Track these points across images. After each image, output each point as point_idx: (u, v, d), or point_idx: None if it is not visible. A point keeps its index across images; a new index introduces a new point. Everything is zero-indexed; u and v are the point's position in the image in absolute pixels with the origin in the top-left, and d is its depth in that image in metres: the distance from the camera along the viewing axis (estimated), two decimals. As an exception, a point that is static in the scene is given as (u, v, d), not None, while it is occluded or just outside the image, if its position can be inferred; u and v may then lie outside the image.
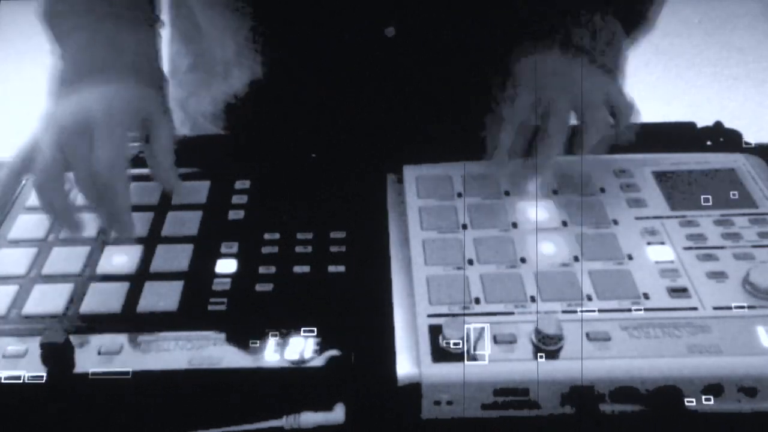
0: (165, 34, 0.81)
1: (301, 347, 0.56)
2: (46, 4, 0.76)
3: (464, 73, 0.81)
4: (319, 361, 0.55)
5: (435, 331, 0.55)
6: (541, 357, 0.54)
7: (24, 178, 0.66)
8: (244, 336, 0.57)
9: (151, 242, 0.66)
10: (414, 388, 0.53)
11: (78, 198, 0.63)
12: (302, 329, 0.57)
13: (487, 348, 0.54)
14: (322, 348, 0.56)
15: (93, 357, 0.56)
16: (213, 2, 0.81)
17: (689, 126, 0.82)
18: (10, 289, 0.62)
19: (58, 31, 0.74)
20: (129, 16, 0.74)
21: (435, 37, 0.78)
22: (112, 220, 0.63)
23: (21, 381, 0.55)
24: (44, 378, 0.55)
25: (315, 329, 0.57)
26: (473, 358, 0.54)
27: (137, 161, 0.70)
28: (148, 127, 0.66)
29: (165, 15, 0.82)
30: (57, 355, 0.55)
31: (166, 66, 0.85)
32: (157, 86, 0.74)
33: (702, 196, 0.68)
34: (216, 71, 0.86)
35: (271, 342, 0.57)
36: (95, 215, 0.66)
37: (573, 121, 0.69)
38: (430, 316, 0.57)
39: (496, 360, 0.54)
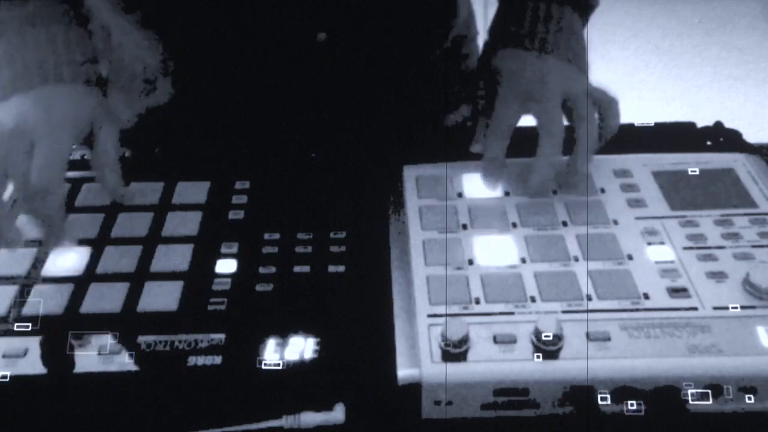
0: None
1: (301, 347, 0.56)
2: None
3: (396, 75, 0.81)
4: (319, 361, 0.56)
5: (435, 331, 0.55)
6: (540, 357, 0.54)
7: None
8: (244, 336, 0.57)
9: (151, 242, 0.66)
10: (414, 388, 0.53)
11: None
12: (302, 329, 0.57)
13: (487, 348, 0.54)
14: (322, 348, 0.56)
15: (93, 357, 0.56)
16: (128, 20, 0.79)
17: (689, 126, 0.82)
18: (10, 289, 0.62)
19: None
20: (57, 15, 0.70)
21: (366, 42, 0.78)
22: (46, 226, 0.63)
23: (21, 381, 0.55)
24: (44, 378, 0.55)
25: (315, 329, 0.57)
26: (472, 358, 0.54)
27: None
28: (93, 130, 0.65)
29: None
30: (57, 355, 0.55)
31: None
32: (98, 88, 0.70)
33: (702, 196, 0.68)
34: (136, 87, 0.83)
35: (271, 342, 0.57)
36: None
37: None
38: (430, 316, 0.57)
39: (496, 360, 0.54)
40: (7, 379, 0.55)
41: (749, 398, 0.53)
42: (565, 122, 0.69)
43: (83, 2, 0.73)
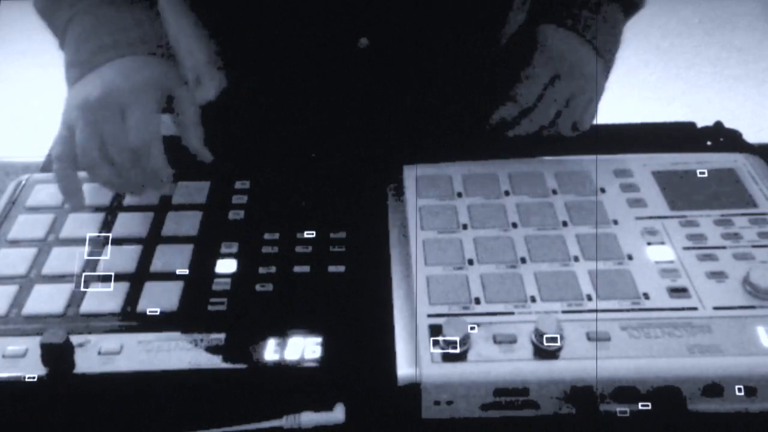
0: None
1: (301, 347, 0.56)
2: None
3: (439, 81, 0.82)
4: (319, 361, 0.55)
5: (435, 331, 0.55)
6: (540, 357, 0.54)
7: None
8: (244, 336, 0.57)
9: (151, 242, 0.66)
10: (414, 388, 0.53)
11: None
12: (302, 329, 0.57)
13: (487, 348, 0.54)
14: (322, 348, 0.56)
15: (93, 357, 0.56)
16: (183, 13, 0.80)
17: (689, 126, 0.82)
18: (10, 289, 0.62)
19: (58, 22, 0.74)
20: None
21: (408, 48, 0.79)
22: (152, 179, 0.66)
23: (21, 381, 0.55)
24: (44, 378, 0.55)
25: (315, 329, 0.57)
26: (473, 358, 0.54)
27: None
28: (171, 98, 0.68)
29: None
30: (57, 355, 0.55)
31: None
32: (170, 60, 0.73)
33: (702, 196, 0.68)
34: (186, 79, 0.86)
35: (271, 342, 0.57)
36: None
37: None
38: (430, 316, 0.57)
39: (496, 360, 0.54)
40: (7, 380, 0.55)
41: (749, 398, 0.53)
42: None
43: None
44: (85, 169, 0.65)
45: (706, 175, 0.70)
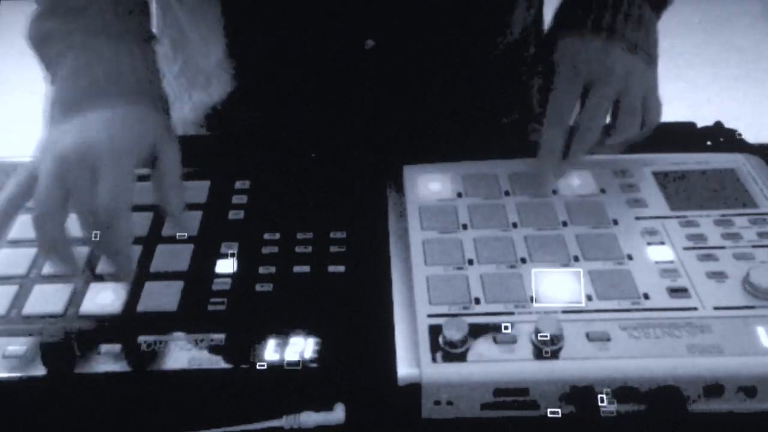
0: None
1: (301, 347, 0.56)
2: (34, 25, 0.71)
3: (444, 82, 0.82)
4: (319, 361, 0.56)
5: (435, 331, 0.55)
6: (540, 357, 0.54)
7: (20, 208, 0.61)
8: (244, 336, 0.57)
9: (151, 242, 0.66)
10: (414, 388, 0.53)
11: (74, 229, 0.59)
12: (302, 329, 0.57)
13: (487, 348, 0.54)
14: (322, 348, 0.56)
15: (93, 357, 0.56)
16: (194, 12, 0.81)
17: (689, 126, 0.82)
18: (10, 289, 0.62)
19: (50, 54, 0.68)
20: (123, 30, 0.68)
21: (414, 49, 0.79)
22: (111, 255, 0.59)
23: (21, 381, 0.55)
24: (44, 378, 0.55)
25: (315, 329, 0.57)
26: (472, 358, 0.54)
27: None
28: (155, 152, 0.62)
29: (153, 19, 0.79)
30: (57, 355, 0.55)
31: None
32: (161, 107, 0.68)
33: (702, 196, 0.68)
34: (197, 79, 0.86)
35: (271, 342, 0.57)
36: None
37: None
38: (430, 316, 0.57)
39: (496, 360, 0.54)
40: (7, 380, 0.55)
41: (749, 398, 0.53)
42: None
43: (150, 19, 0.73)
44: (34, 223, 0.58)
45: (706, 175, 0.70)
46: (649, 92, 0.69)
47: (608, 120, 0.69)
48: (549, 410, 0.54)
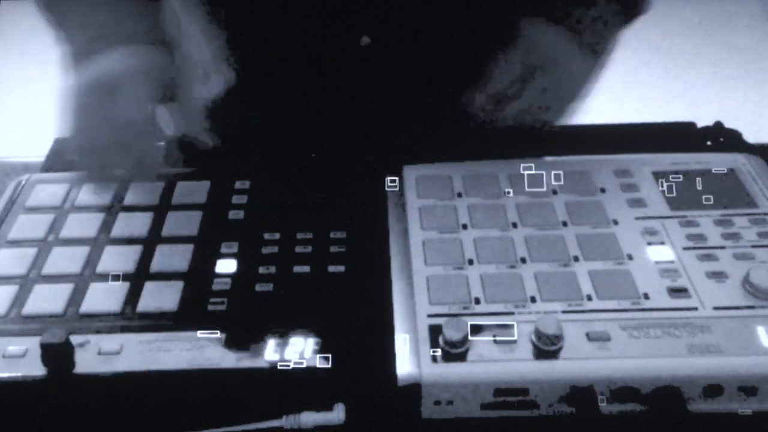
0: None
1: (301, 347, 0.56)
2: None
3: (440, 79, 0.82)
4: (319, 361, 0.55)
5: (435, 331, 0.55)
6: (540, 357, 0.54)
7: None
8: (244, 336, 0.57)
9: (151, 242, 0.66)
10: (414, 388, 0.53)
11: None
12: (302, 329, 0.57)
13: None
14: (322, 348, 0.56)
15: (93, 357, 0.56)
16: (193, 7, 0.81)
17: (689, 126, 0.82)
18: (10, 289, 0.62)
19: (58, 16, 0.74)
20: None
21: (410, 46, 0.79)
22: (138, 160, 0.68)
23: (21, 381, 0.55)
24: (44, 378, 0.55)
25: (315, 329, 0.57)
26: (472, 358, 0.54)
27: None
28: (169, 86, 0.69)
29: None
30: (57, 355, 0.55)
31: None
32: (168, 51, 0.73)
33: (702, 196, 0.68)
34: (195, 75, 0.86)
35: (271, 342, 0.57)
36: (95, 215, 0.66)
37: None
38: (430, 316, 0.57)
39: (496, 360, 0.54)
40: (7, 380, 0.55)
41: (749, 398, 0.53)
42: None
43: None
44: (78, 153, 0.67)
45: (706, 175, 0.70)
46: (569, 99, 0.74)
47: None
48: (549, 410, 0.54)
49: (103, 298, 0.61)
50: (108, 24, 0.71)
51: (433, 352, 0.54)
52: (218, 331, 0.58)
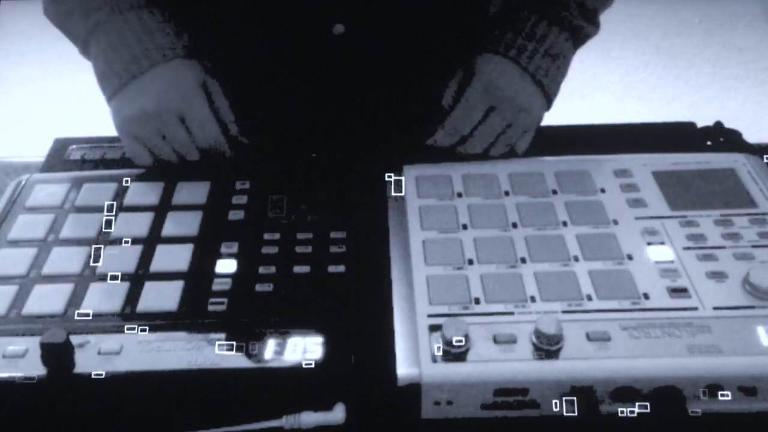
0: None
1: (301, 347, 0.56)
2: (51, 4, 0.75)
3: (415, 67, 0.82)
4: (319, 361, 0.55)
5: (435, 331, 0.55)
6: (540, 357, 0.54)
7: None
8: (244, 336, 0.57)
9: (151, 242, 0.66)
10: (414, 388, 0.53)
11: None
12: (302, 329, 0.57)
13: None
14: (322, 348, 0.56)
15: (93, 357, 0.56)
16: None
17: (689, 126, 0.82)
18: (10, 289, 0.62)
19: (77, 31, 0.75)
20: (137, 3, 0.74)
21: (384, 35, 0.78)
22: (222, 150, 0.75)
23: (21, 381, 0.55)
24: (44, 378, 0.55)
25: (315, 329, 0.57)
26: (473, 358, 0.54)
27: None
28: (204, 90, 0.73)
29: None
30: (57, 355, 0.55)
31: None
32: (195, 58, 0.76)
33: (702, 196, 0.68)
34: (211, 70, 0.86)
35: (271, 342, 0.57)
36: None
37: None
38: (430, 316, 0.57)
39: (496, 360, 0.54)
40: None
41: (749, 398, 0.53)
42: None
43: None
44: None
45: (706, 175, 0.70)
46: (528, 130, 0.75)
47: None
48: (549, 410, 0.54)
49: (103, 298, 0.61)
50: (139, 44, 0.72)
51: (433, 352, 0.54)
52: (218, 331, 0.58)
